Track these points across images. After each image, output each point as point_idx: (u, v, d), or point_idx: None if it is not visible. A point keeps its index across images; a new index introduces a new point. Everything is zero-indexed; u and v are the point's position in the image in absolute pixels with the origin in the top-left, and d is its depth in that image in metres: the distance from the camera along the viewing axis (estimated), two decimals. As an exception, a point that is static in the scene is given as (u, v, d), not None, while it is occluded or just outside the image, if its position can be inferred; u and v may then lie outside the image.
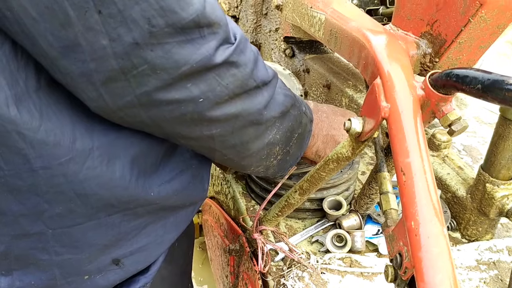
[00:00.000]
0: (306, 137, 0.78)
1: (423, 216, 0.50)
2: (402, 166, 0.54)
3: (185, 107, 0.57)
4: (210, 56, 0.55)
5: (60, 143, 0.56)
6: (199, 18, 0.52)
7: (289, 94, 0.70)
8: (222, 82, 0.57)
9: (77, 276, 0.69)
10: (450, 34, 0.65)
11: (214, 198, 1.41)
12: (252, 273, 0.95)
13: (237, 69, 0.58)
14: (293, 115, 0.70)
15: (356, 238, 0.97)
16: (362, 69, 0.71)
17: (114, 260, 0.71)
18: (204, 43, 0.54)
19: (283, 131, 0.70)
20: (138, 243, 0.72)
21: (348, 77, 1.51)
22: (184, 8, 0.50)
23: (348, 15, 0.84)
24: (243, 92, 0.60)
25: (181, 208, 0.77)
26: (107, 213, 0.65)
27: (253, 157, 0.71)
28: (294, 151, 0.76)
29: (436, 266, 0.48)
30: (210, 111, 0.59)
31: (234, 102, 0.60)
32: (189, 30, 0.52)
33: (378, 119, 0.60)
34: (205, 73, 0.56)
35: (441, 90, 0.57)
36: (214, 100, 0.58)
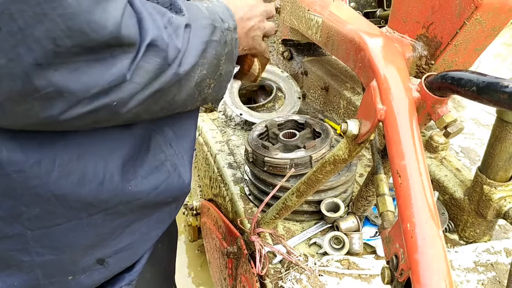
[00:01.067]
0: (235, 48, 0.74)
1: (419, 218, 0.50)
2: (398, 168, 0.55)
3: (98, 114, 0.54)
4: (124, 75, 0.53)
5: (27, 145, 0.56)
6: (113, 40, 0.50)
7: (206, 25, 0.65)
8: (133, 81, 0.55)
9: (60, 276, 0.68)
10: (445, 36, 0.65)
11: (212, 200, 1.41)
12: (250, 275, 0.95)
13: (150, 65, 0.55)
14: (216, 41, 0.67)
15: (354, 240, 0.98)
16: (359, 71, 0.71)
17: (99, 260, 0.71)
18: (116, 62, 0.51)
19: (209, 64, 0.67)
20: (123, 242, 0.72)
21: (346, 79, 1.51)
22: (96, 30, 0.48)
23: (345, 18, 0.84)
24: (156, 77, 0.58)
25: (164, 205, 0.77)
26: (88, 213, 0.65)
27: (185, 102, 0.68)
28: (225, 70, 0.73)
29: (432, 267, 0.48)
30: (125, 107, 0.56)
31: (149, 87, 0.57)
32: (100, 51, 0.50)
33: (374, 122, 0.61)
34: (117, 86, 0.53)
35: (436, 92, 0.57)
36: (127, 99, 0.55)
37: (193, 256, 2.17)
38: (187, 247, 2.22)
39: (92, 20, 0.47)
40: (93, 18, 0.47)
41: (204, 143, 1.47)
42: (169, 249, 1.00)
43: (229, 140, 1.41)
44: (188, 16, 0.62)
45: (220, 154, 1.32)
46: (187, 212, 1.76)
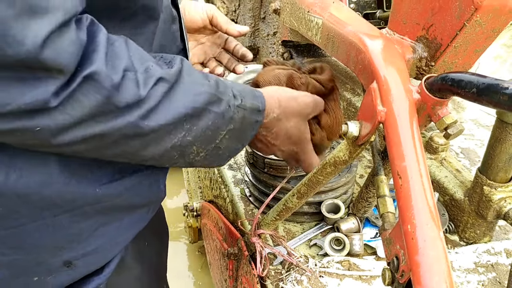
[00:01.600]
0: (249, 130, 0.70)
1: (419, 220, 0.51)
2: (399, 169, 0.55)
3: (21, 136, 0.52)
4: (46, 100, 0.49)
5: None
6: (31, 60, 0.47)
7: (204, 92, 0.62)
8: (66, 111, 0.51)
9: (26, 277, 0.67)
10: (445, 38, 0.65)
11: (213, 202, 1.41)
12: (251, 277, 0.95)
13: (86, 99, 0.52)
14: (215, 113, 0.64)
15: (355, 241, 0.98)
16: (359, 73, 0.71)
17: (66, 262, 0.69)
18: (39, 85, 0.49)
19: (198, 132, 0.63)
20: (91, 245, 0.70)
21: (346, 80, 1.52)
22: (11, 45, 0.45)
23: (345, 20, 0.84)
24: (97, 116, 0.54)
25: (136, 208, 0.74)
26: (53, 213, 0.63)
27: (155, 159, 0.65)
28: (228, 145, 0.69)
29: (433, 269, 0.48)
30: (55, 138, 0.53)
31: (89, 125, 0.54)
32: (18, 68, 0.47)
33: (374, 123, 0.61)
34: (40, 111, 0.50)
35: (436, 94, 0.57)
36: (56, 129, 0.52)
37: (193, 257, 2.17)
38: (188, 248, 2.22)
39: (8, 34, 0.45)
40: (9, 32, 0.45)
41: (204, 144, 1.48)
42: (158, 248, 0.99)
43: (229, 142, 1.41)
44: (179, 75, 0.60)
45: (221, 155, 1.32)
46: (187, 213, 1.76)
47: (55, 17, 0.47)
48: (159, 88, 0.57)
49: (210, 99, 0.63)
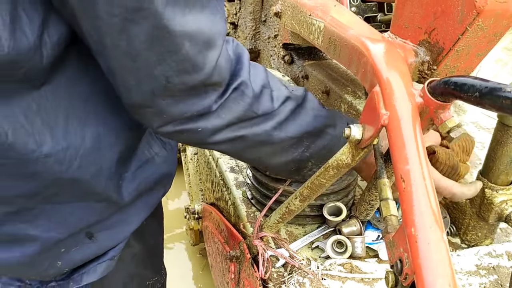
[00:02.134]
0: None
1: (423, 223, 0.51)
2: (402, 173, 0.55)
3: (187, 135, 0.68)
4: (210, 107, 0.65)
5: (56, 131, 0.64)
6: (207, 80, 0.62)
7: (322, 115, 0.76)
8: (220, 115, 0.67)
9: (55, 249, 0.76)
10: (447, 42, 0.65)
11: (214, 204, 1.41)
12: (253, 279, 0.96)
13: (235, 105, 0.67)
14: (331, 135, 0.77)
15: (357, 244, 0.98)
16: (361, 77, 0.72)
17: (87, 233, 0.79)
18: (207, 97, 0.65)
19: (315, 150, 0.76)
20: (111, 220, 0.81)
21: (347, 83, 1.52)
22: (197, 71, 0.61)
23: (347, 23, 0.85)
24: (241, 121, 0.69)
25: (153, 191, 0.86)
26: (96, 199, 0.75)
27: (277, 168, 0.79)
28: None
29: (437, 272, 0.48)
30: (211, 137, 0.68)
31: (235, 128, 0.69)
32: (197, 87, 0.63)
33: (377, 127, 0.61)
34: (203, 116, 0.66)
35: (439, 97, 0.57)
36: (212, 129, 0.68)
37: (194, 259, 2.17)
38: (189, 250, 2.22)
39: (196, 64, 0.60)
40: (196, 63, 0.60)
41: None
42: (154, 229, 1.07)
43: (230, 144, 1.41)
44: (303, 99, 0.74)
45: (222, 158, 1.33)
46: (188, 216, 1.77)
47: (219, 42, 0.62)
48: (287, 105, 0.72)
49: (326, 122, 0.76)
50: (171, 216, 2.41)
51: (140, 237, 0.97)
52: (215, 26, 0.61)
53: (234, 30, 2.05)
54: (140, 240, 0.98)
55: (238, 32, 2.03)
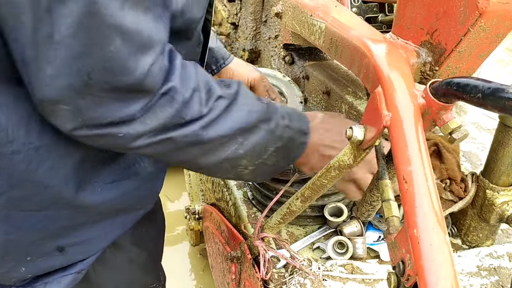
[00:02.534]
0: (295, 150, 0.78)
1: (425, 224, 0.51)
2: (404, 174, 0.55)
3: (105, 140, 0.62)
4: (134, 115, 0.60)
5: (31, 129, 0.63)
6: (135, 85, 0.58)
7: (256, 110, 0.71)
8: (144, 121, 0.62)
9: (19, 255, 0.74)
10: (450, 43, 0.65)
11: (215, 205, 1.41)
12: (254, 280, 0.95)
13: (162, 112, 0.62)
14: (265, 130, 0.72)
15: (358, 244, 0.98)
16: (363, 77, 0.72)
17: (59, 247, 0.76)
18: (132, 103, 0.59)
19: (248, 146, 0.72)
20: (84, 235, 0.78)
21: (348, 83, 1.52)
22: (125, 74, 0.56)
23: (348, 24, 0.85)
24: (168, 127, 0.64)
25: (131, 211, 0.83)
26: (61, 206, 0.71)
27: (210, 169, 0.74)
28: (274, 162, 0.77)
29: (439, 273, 0.48)
30: (133, 143, 0.63)
31: (160, 133, 0.64)
32: (123, 91, 0.58)
33: (379, 128, 0.61)
34: (126, 122, 0.61)
35: (441, 98, 0.57)
36: (135, 135, 0.62)
37: (195, 260, 2.17)
38: (189, 251, 2.22)
39: (124, 66, 0.56)
40: (125, 64, 0.56)
41: (206, 147, 1.48)
42: (154, 235, 1.05)
43: (231, 145, 1.41)
44: (236, 95, 0.70)
45: (223, 158, 1.33)
46: (189, 216, 1.77)
47: (156, 50, 0.58)
48: (219, 104, 0.68)
49: (261, 117, 0.71)
50: (171, 217, 2.41)
51: (138, 242, 0.96)
52: (157, 33, 0.58)
53: (234, 30, 2.05)
54: (138, 245, 0.97)
55: (238, 32, 2.03)
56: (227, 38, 2.06)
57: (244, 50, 1.98)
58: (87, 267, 0.82)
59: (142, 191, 0.80)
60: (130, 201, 0.79)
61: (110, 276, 0.92)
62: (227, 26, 2.04)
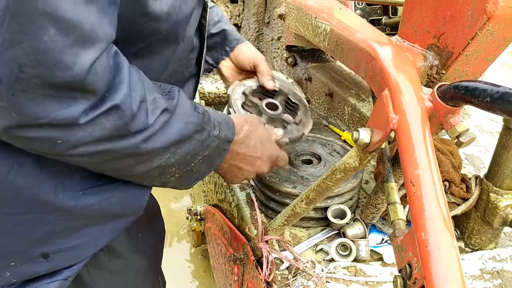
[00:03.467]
0: (217, 157, 0.79)
1: (433, 228, 0.51)
2: (412, 177, 0.55)
3: (42, 144, 0.57)
4: (76, 118, 0.55)
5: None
6: (75, 83, 0.53)
7: (192, 122, 0.71)
8: (87, 130, 0.57)
9: (4, 260, 0.72)
10: (457, 46, 0.66)
11: (217, 206, 1.41)
12: (257, 282, 0.95)
13: (109, 123, 0.58)
14: (197, 140, 0.72)
15: (361, 247, 0.98)
16: (370, 80, 0.72)
17: (44, 254, 0.74)
18: (73, 105, 0.54)
19: (180, 155, 0.71)
20: (72, 242, 0.75)
21: (351, 86, 1.52)
22: (61, 69, 0.51)
23: (354, 26, 0.85)
24: (111, 138, 0.61)
25: (120, 217, 0.79)
26: (42, 210, 0.68)
27: (140, 177, 0.72)
28: (199, 169, 0.77)
29: (447, 277, 0.48)
30: (71, 150, 0.59)
31: (100, 143, 0.60)
32: (60, 89, 0.53)
33: (386, 131, 0.61)
34: (65, 127, 0.56)
35: (449, 102, 0.57)
36: (75, 144, 0.58)
37: (196, 261, 2.17)
38: (191, 252, 2.22)
39: (60, 60, 0.50)
40: (62, 58, 0.50)
41: (209, 148, 1.48)
42: (152, 240, 1.03)
43: (234, 146, 1.41)
44: (176, 106, 0.68)
45: (226, 159, 1.32)
46: (191, 217, 1.76)
47: (100, 46, 0.53)
48: (162, 117, 0.65)
49: (196, 128, 0.71)
50: (173, 217, 2.41)
51: (135, 248, 0.95)
52: (100, 27, 0.53)
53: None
54: (135, 251, 0.96)
55: (241, 33, 2.03)
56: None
57: (247, 51, 1.98)
58: (74, 274, 0.80)
59: (127, 197, 0.77)
60: (116, 206, 0.76)
61: (105, 281, 0.90)
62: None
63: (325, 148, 1.19)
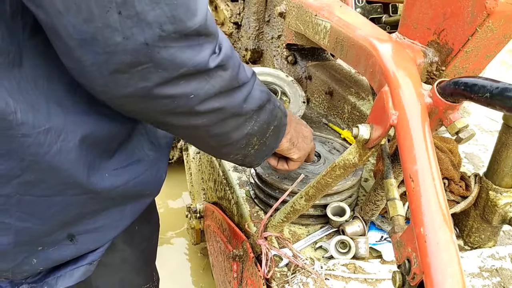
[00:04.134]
0: (282, 130, 0.86)
1: (432, 223, 0.51)
2: (411, 173, 0.55)
3: (178, 101, 0.64)
4: (205, 62, 0.62)
5: (39, 112, 0.62)
6: (201, 28, 0.59)
7: (264, 91, 0.78)
8: (210, 82, 0.65)
9: (32, 245, 0.73)
10: (457, 43, 0.66)
11: (217, 204, 1.41)
12: (256, 278, 0.96)
13: (225, 72, 0.66)
14: (269, 109, 0.79)
15: (360, 244, 0.98)
16: (369, 77, 0.72)
17: (69, 235, 0.76)
18: (201, 50, 0.61)
19: (260, 123, 0.78)
20: (96, 223, 0.78)
21: (351, 84, 1.52)
22: (190, 18, 0.57)
23: (354, 23, 0.85)
24: (227, 90, 0.68)
25: (140, 198, 0.84)
26: (75, 192, 0.71)
27: (233, 145, 0.78)
28: (270, 142, 0.84)
29: (446, 272, 0.48)
30: (199, 105, 0.66)
31: (219, 98, 0.67)
32: (191, 37, 0.59)
33: (386, 127, 0.61)
34: (199, 75, 0.63)
35: (449, 98, 0.58)
36: (203, 97, 0.65)
37: (195, 259, 2.17)
38: (190, 250, 2.22)
39: (189, 9, 0.57)
40: (189, 7, 0.57)
41: (208, 146, 1.48)
42: (147, 233, 1.05)
43: (234, 144, 1.41)
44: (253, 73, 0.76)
45: (225, 157, 1.33)
46: (190, 215, 1.76)
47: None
48: (254, 77, 0.75)
49: (267, 97, 0.79)
50: (172, 216, 2.41)
51: (131, 241, 0.96)
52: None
53: (237, 30, 2.05)
54: (130, 244, 0.97)
55: (241, 32, 2.03)
56: (229, 38, 2.06)
57: (247, 49, 1.98)
58: (98, 258, 0.82)
59: (148, 177, 0.82)
60: (138, 186, 0.80)
61: (101, 276, 0.91)
62: (230, 25, 2.04)
63: (325, 146, 1.19)
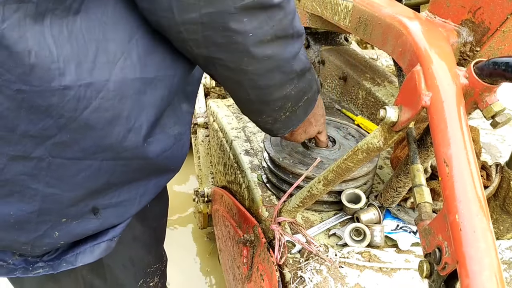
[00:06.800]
0: (312, 104, 0.86)
1: (468, 210, 0.48)
2: (445, 157, 0.52)
3: (236, 37, 0.63)
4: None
5: (83, 64, 0.59)
6: None
7: (307, 59, 0.78)
8: (270, 23, 0.64)
9: (56, 215, 0.71)
10: (494, 22, 0.62)
11: (226, 188, 1.38)
12: (268, 264, 0.93)
13: (284, 14, 0.65)
14: (308, 78, 0.79)
15: (376, 232, 0.95)
16: (398, 56, 0.68)
17: (94, 208, 0.74)
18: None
19: (298, 89, 0.77)
20: (120, 196, 0.76)
21: (366, 69, 1.48)
22: None
23: (379, 2, 0.81)
24: (281, 36, 0.67)
25: (164, 172, 0.82)
26: (106, 156, 0.68)
27: (269, 105, 0.77)
28: (299, 113, 0.84)
29: (483, 262, 0.45)
30: (254, 47, 0.65)
31: (273, 44, 0.67)
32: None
33: (417, 108, 0.58)
34: (260, 12, 0.62)
35: (486, 79, 0.54)
36: (259, 38, 0.65)
37: (202, 243, 2.15)
38: (196, 234, 2.21)
39: None
40: None
41: (219, 129, 1.45)
42: (158, 212, 1.03)
43: (245, 127, 1.38)
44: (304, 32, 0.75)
45: (237, 140, 1.30)
46: (197, 199, 1.74)
47: None
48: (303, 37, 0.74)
49: (309, 66, 0.79)
50: (178, 199, 2.39)
51: (143, 219, 0.94)
52: None
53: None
54: (143, 222, 0.95)
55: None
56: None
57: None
58: (119, 234, 0.80)
59: (174, 151, 0.80)
60: (167, 160, 0.78)
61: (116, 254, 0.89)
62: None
63: (340, 131, 1.16)
